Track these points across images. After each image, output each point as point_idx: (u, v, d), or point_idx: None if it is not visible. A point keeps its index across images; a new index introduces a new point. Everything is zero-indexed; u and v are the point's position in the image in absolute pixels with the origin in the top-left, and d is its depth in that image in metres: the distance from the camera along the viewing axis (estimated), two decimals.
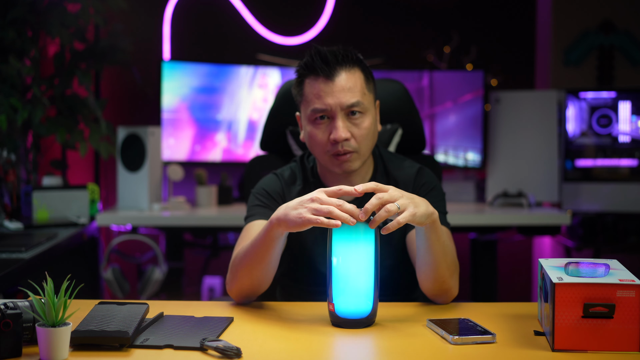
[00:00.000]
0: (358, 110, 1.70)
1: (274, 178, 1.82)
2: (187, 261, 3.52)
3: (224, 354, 1.23)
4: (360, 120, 1.70)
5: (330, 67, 1.69)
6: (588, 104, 3.38)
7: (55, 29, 3.09)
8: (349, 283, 1.40)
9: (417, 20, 3.88)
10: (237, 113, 3.49)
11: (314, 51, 1.72)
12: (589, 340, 1.26)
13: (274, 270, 1.59)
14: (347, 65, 1.70)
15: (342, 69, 1.69)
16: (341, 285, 1.40)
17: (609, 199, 3.35)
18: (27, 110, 2.98)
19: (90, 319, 1.33)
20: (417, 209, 1.41)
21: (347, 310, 1.40)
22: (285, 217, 1.43)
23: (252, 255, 1.55)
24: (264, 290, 1.62)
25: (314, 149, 1.74)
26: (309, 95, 1.71)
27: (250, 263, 1.55)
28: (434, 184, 1.81)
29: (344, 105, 1.68)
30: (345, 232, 1.40)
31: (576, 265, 1.39)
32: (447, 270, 1.56)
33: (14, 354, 1.22)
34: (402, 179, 1.80)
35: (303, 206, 1.41)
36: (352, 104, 1.69)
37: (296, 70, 1.76)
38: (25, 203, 2.93)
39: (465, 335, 1.32)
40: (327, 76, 1.68)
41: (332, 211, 1.38)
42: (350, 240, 1.40)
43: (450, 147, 3.50)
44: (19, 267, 2.10)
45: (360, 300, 1.40)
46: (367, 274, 1.40)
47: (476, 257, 3.40)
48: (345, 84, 1.68)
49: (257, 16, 3.80)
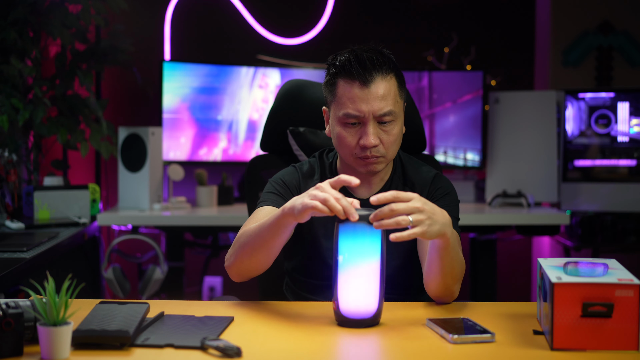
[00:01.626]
0: (389, 119, 1.70)
1: (293, 170, 1.84)
2: (188, 261, 3.53)
3: (225, 353, 1.23)
4: (390, 128, 1.70)
5: (367, 73, 1.67)
6: (587, 105, 3.38)
7: (56, 30, 3.09)
8: (354, 282, 1.40)
9: (416, 21, 3.89)
10: (237, 113, 3.49)
11: (351, 54, 1.69)
12: (587, 339, 1.26)
13: (274, 257, 1.61)
14: (383, 72, 1.69)
15: (378, 75, 1.68)
16: (346, 284, 1.40)
17: (608, 199, 3.36)
18: (29, 111, 2.98)
19: (91, 318, 1.34)
20: (430, 228, 1.42)
21: (351, 310, 1.40)
22: (293, 206, 1.46)
23: (257, 238, 1.57)
24: (258, 274, 1.65)
25: (341, 150, 1.74)
26: (342, 97, 1.69)
27: (253, 245, 1.58)
28: (449, 189, 1.82)
29: (377, 114, 1.68)
30: (351, 230, 1.40)
31: (575, 265, 1.39)
32: (453, 279, 1.58)
33: (16, 353, 1.22)
34: (419, 183, 1.82)
35: (307, 194, 1.44)
36: (385, 113, 1.68)
37: (329, 67, 1.73)
38: (27, 203, 2.93)
39: (464, 334, 1.32)
40: (362, 82, 1.66)
41: (327, 200, 1.39)
42: (357, 238, 1.40)
43: (449, 148, 3.51)
44: (20, 267, 2.10)
45: (365, 299, 1.40)
46: (373, 274, 1.40)
47: (476, 257, 3.40)
48: (380, 92, 1.67)
49: (257, 16, 3.80)
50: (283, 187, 1.79)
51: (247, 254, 1.60)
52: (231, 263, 1.64)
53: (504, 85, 3.77)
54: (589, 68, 3.74)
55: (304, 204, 1.42)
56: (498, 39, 3.91)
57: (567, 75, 3.73)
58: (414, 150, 2.09)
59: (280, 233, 1.53)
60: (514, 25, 3.94)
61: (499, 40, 3.91)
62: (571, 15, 3.72)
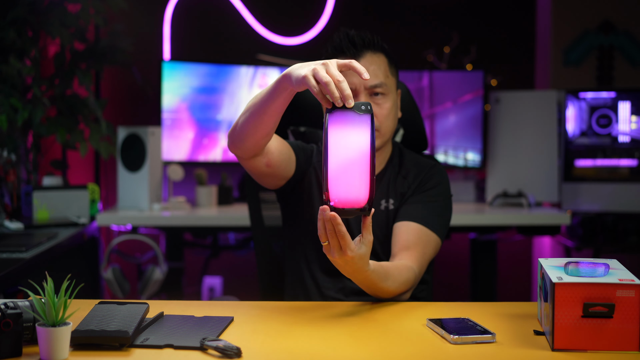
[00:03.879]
0: (381, 91, 1.79)
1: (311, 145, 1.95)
2: (187, 261, 3.53)
3: (224, 353, 1.23)
4: (382, 101, 1.80)
5: (357, 48, 1.78)
6: (588, 104, 3.38)
7: (55, 29, 3.09)
8: (344, 172, 1.38)
9: (417, 20, 3.89)
10: (237, 113, 3.49)
11: (342, 33, 1.81)
12: (588, 340, 1.26)
13: (267, 126, 1.59)
14: (373, 48, 1.80)
15: (367, 50, 1.79)
16: (336, 175, 1.38)
17: (609, 199, 3.35)
18: (28, 111, 2.98)
19: (91, 318, 1.33)
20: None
21: (342, 200, 1.38)
22: (292, 70, 1.45)
23: (256, 100, 1.57)
24: (254, 148, 1.65)
25: None
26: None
27: (250, 108, 1.58)
28: (441, 182, 1.89)
29: (368, 85, 1.77)
30: (340, 118, 1.38)
31: (576, 265, 1.39)
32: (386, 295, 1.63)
33: (14, 354, 1.22)
34: (415, 169, 1.89)
35: (310, 66, 1.41)
36: (376, 85, 1.78)
37: (324, 52, 1.83)
38: (26, 203, 2.93)
39: (465, 334, 1.32)
40: (353, 56, 1.77)
41: (329, 84, 1.36)
42: (347, 127, 1.37)
43: (450, 147, 3.50)
44: (19, 267, 2.10)
45: (356, 190, 1.38)
46: (364, 163, 1.38)
47: (476, 257, 3.40)
48: (369, 65, 1.77)
49: (257, 16, 3.80)
50: (299, 143, 1.91)
51: (242, 116, 1.61)
52: (231, 129, 1.66)
53: (505, 84, 3.77)
54: (590, 68, 3.73)
55: (305, 76, 1.40)
56: (499, 38, 3.90)
57: (568, 74, 3.73)
58: (416, 150, 2.09)
59: (275, 97, 1.52)
60: (515, 24, 3.93)
61: (499, 39, 3.90)
62: (572, 14, 3.72)
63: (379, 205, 1.88)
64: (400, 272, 1.64)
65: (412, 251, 1.75)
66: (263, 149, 1.68)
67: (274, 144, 1.74)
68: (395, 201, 1.88)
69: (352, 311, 1.55)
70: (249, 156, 1.69)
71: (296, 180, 1.88)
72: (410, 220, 1.80)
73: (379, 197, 1.88)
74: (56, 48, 3.36)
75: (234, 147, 1.68)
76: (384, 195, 1.88)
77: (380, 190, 1.88)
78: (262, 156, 1.70)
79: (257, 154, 1.69)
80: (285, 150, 1.81)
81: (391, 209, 1.88)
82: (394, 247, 1.78)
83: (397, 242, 1.78)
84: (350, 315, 1.51)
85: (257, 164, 1.72)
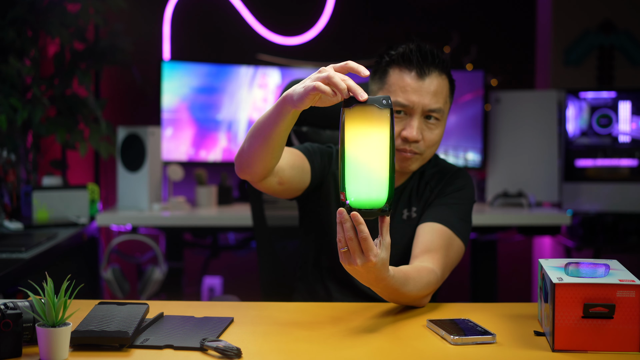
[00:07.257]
0: (436, 116, 1.69)
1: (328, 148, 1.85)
2: (187, 261, 3.52)
3: (224, 354, 1.23)
4: (434, 126, 1.70)
5: (426, 65, 1.67)
6: (588, 104, 3.38)
7: (55, 29, 3.09)
8: (362, 171, 1.30)
9: (417, 20, 3.88)
10: (237, 113, 3.49)
11: (413, 44, 1.69)
12: (589, 340, 1.26)
13: (272, 150, 1.52)
14: (440, 69, 1.69)
15: (435, 70, 1.68)
16: (354, 173, 1.30)
17: (609, 199, 3.35)
18: (27, 110, 2.98)
19: (90, 319, 1.33)
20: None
21: (361, 200, 1.31)
22: (292, 91, 1.37)
23: (258, 125, 1.49)
24: (256, 169, 1.56)
25: None
26: (393, 85, 1.68)
27: (253, 133, 1.51)
28: (464, 186, 1.79)
29: (426, 108, 1.67)
30: (358, 113, 1.31)
31: (576, 266, 1.39)
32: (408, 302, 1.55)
33: (14, 354, 1.22)
34: (437, 174, 1.80)
35: (310, 78, 1.35)
36: (434, 110, 1.68)
37: (384, 54, 1.72)
38: (25, 203, 2.93)
39: (465, 335, 1.32)
40: (419, 73, 1.67)
41: (332, 77, 1.30)
42: (364, 123, 1.31)
43: (450, 147, 3.50)
44: (19, 267, 2.10)
45: (375, 189, 1.30)
46: (383, 160, 1.30)
47: (476, 257, 3.40)
48: (432, 88, 1.67)
49: (257, 16, 3.80)
50: (315, 147, 1.80)
51: (247, 142, 1.53)
52: (237, 153, 1.58)
53: (505, 84, 3.77)
54: (590, 67, 3.73)
55: (305, 86, 1.33)
56: (499, 38, 3.90)
57: (568, 74, 3.73)
58: None
59: (279, 121, 1.43)
60: (515, 24, 3.93)
61: (499, 39, 3.90)
62: (572, 14, 3.72)
63: (401, 214, 1.79)
64: (420, 275, 1.53)
65: (435, 253, 1.64)
66: (273, 170, 1.60)
67: (285, 159, 1.65)
68: (418, 208, 1.79)
69: (353, 311, 1.54)
70: (260, 179, 1.60)
71: (312, 188, 1.80)
72: (433, 221, 1.70)
73: (401, 207, 1.80)
74: (56, 48, 3.35)
75: (242, 173, 1.59)
76: (406, 205, 1.80)
77: (403, 199, 1.80)
78: (273, 176, 1.62)
79: (267, 176, 1.60)
80: (298, 163, 1.73)
81: (414, 217, 1.79)
82: (415, 248, 1.67)
83: (418, 243, 1.67)
84: (350, 315, 1.51)
85: (269, 184, 1.63)
